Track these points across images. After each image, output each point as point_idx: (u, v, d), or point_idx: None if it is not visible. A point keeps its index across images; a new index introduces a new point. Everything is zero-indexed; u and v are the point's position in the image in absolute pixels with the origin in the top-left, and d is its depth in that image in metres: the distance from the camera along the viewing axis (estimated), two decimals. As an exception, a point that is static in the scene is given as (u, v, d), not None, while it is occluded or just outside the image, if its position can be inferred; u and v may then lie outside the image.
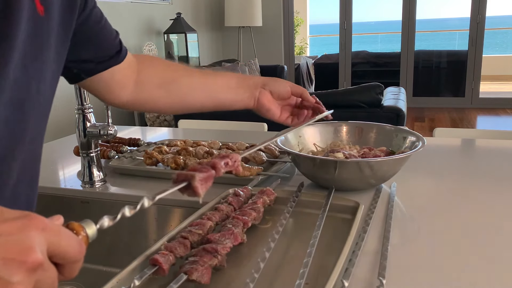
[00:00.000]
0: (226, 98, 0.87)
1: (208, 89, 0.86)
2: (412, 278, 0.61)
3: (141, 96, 0.81)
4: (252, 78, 0.88)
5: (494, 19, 7.25)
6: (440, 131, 1.49)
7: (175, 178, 0.51)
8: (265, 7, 5.70)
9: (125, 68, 0.77)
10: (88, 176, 1.01)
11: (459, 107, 5.93)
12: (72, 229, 0.37)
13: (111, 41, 0.74)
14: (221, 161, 0.54)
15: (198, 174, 0.50)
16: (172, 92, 0.83)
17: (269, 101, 0.87)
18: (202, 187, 0.50)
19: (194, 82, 0.85)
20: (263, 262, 0.59)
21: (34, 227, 0.33)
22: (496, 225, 0.77)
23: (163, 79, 0.83)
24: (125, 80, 0.78)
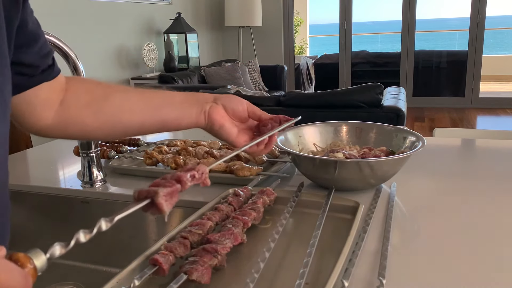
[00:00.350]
0: (169, 114, 0.71)
1: (148, 105, 0.71)
2: (412, 278, 0.61)
3: (65, 116, 0.68)
4: (201, 94, 0.75)
5: (494, 19, 7.25)
6: (440, 131, 1.50)
7: (136, 196, 0.47)
8: (265, 7, 5.70)
9: (54, 86, 0.66)
10: (88, 176, 1.01)
11: (459, 107, 5.93)
12: (17, 261, 0.34)
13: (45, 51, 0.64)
14: (186, 174, 0.50)
15: (161, 190, 0.46)
16: (103, 110, 0.69)
17: (222, 116, 0.72)
18: (167, 203, 0.46)
19: (129, 97, 0.71)
20: (263, 262, 0.59)
21: None
22: (496, 224, 0.77)
23: (92, 96, 0.69)
24: (50, 100, 0.66)
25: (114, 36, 4.20)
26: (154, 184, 0.49)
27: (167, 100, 0.72)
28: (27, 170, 1.25)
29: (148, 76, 4.47)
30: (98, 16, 3.94)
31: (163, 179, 0.50)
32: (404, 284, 0.60)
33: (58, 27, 3.45)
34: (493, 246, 0.70)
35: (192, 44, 4.98)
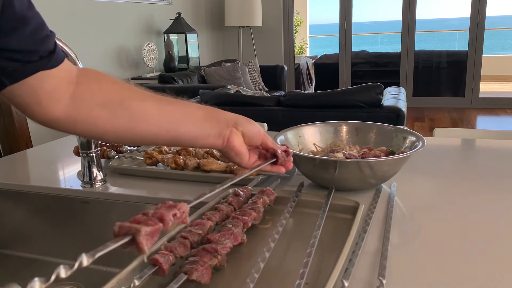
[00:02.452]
0: (188, 132, 0.67)
1: (165, 118, 0.66)
2: (412, 278, 0.61)
3: (77, 113, 0.63)
4: (223, 113, 0.71)
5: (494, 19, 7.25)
6: (440, 131, 1.49)
7: (116, 231, 0.45)
8: (265, 7, 5.70)
9: (59, 76, 0.62)
10: (88, 176, 1.01)
11: (459, 107, 5.94)
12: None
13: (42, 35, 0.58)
14: (169, 213, 0.49)
15: (144, 228, 0.44)
16: (117, 115, 0.64)
17: (240, 144, 0.70)
18: (147, 242, 0.44)
19: (147, 107, 0.66)
20: (263, 262, 0.59)
21: None
22: (496, 224, 0.77)
23: (108, 97, 0.64)
24: (58, 91, 0.61)
25: (114, 36, 4.20)
26: (135, 220, 0.46)
27: (187, 116, 0.68)
28: (27, 170, 1.25)
29: (148, 76, 4.47)
30: (98, 16, 3.94)
31: (144, 214, 0.48)
32: (404, 284, 0.60)
33: (58, 27, 3.44)
34: (493, 246, 0.70)
35: (192, 44, 4.98)
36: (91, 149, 1.00)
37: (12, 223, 1.09)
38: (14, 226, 1.09)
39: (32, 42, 0.58)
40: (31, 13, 0.57)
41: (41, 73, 0.59)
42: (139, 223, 0.46)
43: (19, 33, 0.56)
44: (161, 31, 4.85)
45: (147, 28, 4.67)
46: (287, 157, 0.75)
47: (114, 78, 0.69)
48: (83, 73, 0.65)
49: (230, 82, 4.50)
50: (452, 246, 0.70)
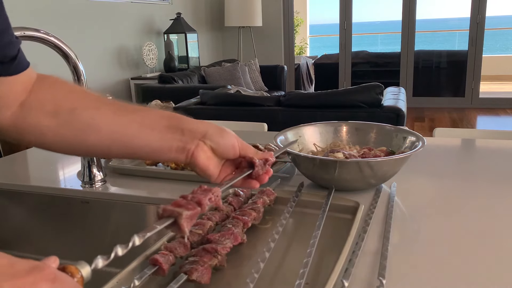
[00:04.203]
0: (145, 145, 0.60)
1: (120, 129, 0.60)
2: (412, 278, 0.61)
3: (22, 122, 0.59)
4: (191, 123, 0.62)
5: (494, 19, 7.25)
6: (440, 131, 1.49)
7: (160, 213, 0.50)
8: (265, 7, 5.70)
9: (15, 84, 0.59)
10: (88, 176, 1.01)
11: (459, 107, 5.94)
12: (69, 273, 0.38)
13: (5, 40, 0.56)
14: (206, 198, 0.53)
15: (185, 212, 0.49)
16: (67, 125, 0.59)
17: (205, 160, 0.61)
18: (187, 224, 0.50)
19: (100, 117, 0.60)
20: (263, 262, 0.59)
21: (45, 279, 0.34)
22: (496, 224, 0.77)
23: (59, 106, 0.59)
24: (9, 98, 0.58)
25: (114, 36, 4.20)
26: (177, 204, 0.51)
27: (146, 127, 0.60)
28: (27, 170, 1.25)
29: (148, 76, 4.48)
30: (98, 16, 3.94)
31: (183, 198, 0.53)
32: (404, 284, 0.60)
33: (58, 27, 3.45)
34: (493, 246, 0.70)
35: (192, 44, 4.98)
36: (91, 149, 1.00)
37: (12, 223, 1.09)
38: (14, 226, 1.09)
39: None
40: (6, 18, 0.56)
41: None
42: (180, 206, 0.50)
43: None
44: (161, 31, 4.85)
45: (147, 28, 4.67)
46: (264, 167, 0.64)
47: (75, 87, 0.64)
48: (40, 80, 0.62)
49: (230, 82, 4.50)
50: (452, 246, 0.70)
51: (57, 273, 0.36)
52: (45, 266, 0.35)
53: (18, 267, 0.34)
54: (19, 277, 0.33)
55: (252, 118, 1.85)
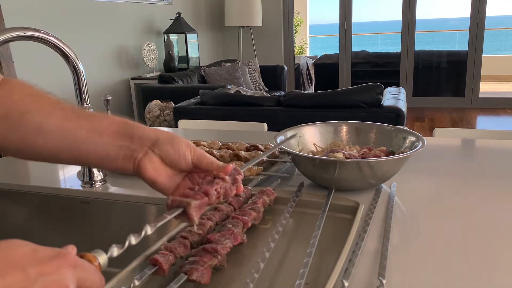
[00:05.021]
0: (92, 153, 0.58)
1: (67, 136, 0.57)
2: (412, 278, 0.61)
3: None
4: (141, 130, 0.58)
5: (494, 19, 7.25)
6: (440, 131, 1.49)
7: (169, 204, 0.52)
8: (265, 7, 5.70)
9: None
10: (88, 176, 1.01)
11: (459, 107, 5.93)
12: (88, 260, 0.41)
13: None
14: (212, 188, 0.55)
15: (193, 202, 0.51)
16: (14, 129, 0.57)
17: (155, 170, 0.57)
18: (196, 213, 0.52)
19: (48, 123, 0.57)
20: (263, 262, 0.59)
21: (67, 265, 0.36)
22: (496, 224, 0.77)
23: (10, 109, 0.57)
24: None
25: (114, 36, 4.20)
26: (185, 194, 0.53)
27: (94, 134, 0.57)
28: (27, 170, 1.25)
29: (148, 76, 4.48)
30: (98, 16, 3.94)
31: (190, 189, 0.55)
32: (404, 284, 0.60)
33: (58, 27, 3.45)
34: (493, 246, 0.70)
35: (192, 44, 4.98)
36: (91, 149, 1.00)
37: (12, 223, 1.09)
38: (14, 226, 1.09)
39: None
40: None
41: None
42: (188, 197, 0.52)
43: None
44: (161, 31, 4.85)
45: (147, 28, 4.67)
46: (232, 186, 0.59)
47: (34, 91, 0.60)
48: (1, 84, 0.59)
49: (230, 82, 4.50)
50: (452, 246, 0.70)
51: (78, 260, 0.38)
52: (67, 253, 0.37)
53: (42, 253, 0.36)
54: (44, 263, 0.35)
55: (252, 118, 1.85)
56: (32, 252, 0.35)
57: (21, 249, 0.35)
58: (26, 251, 0.35)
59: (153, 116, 3.75)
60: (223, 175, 0.57)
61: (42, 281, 0.34)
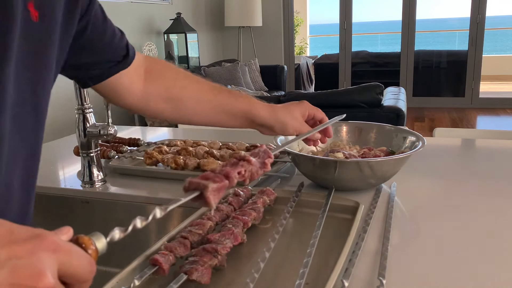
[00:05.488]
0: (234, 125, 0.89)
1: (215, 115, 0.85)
2: (412, 278, 0.61)
3: (147, 106, 0.81)
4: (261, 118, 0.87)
5: (494, 19, 7.25)
6: (440, 131, 1.50)
7: (186, 186, 0.49)
8: (265, 7, 5.70)
9: (131, 73, 0.76)
10: (88, 176, 1.01)
11: (459, 107, 5.93)
12: (81, 244, 0.36)
13: (115, 44, 0.72)
14: (234, 171, 0.52)
15: (211, 185, 0.47)
16: (178, 109, 0.83)
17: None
18: (214, 197, 0.48)
19: (201, 106, 0.84)
20: (263, 262, 0.59)
21: (45, 249, 0.32)
22: (496, 224, 0.77)
23: (170, 94, 0.82)
24: (131, 86, 0.77)
25: (114, 36, 4.19)
26: (204, 177, 0.49)
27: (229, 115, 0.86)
28: (27, 170, 1.24)
29: (148, 76, 4.47)
30: (98, 16, 3.93)
31: (212, 171, 0.52)
32: (404, 284, 0.60)
33: (58, 27, 3.44)
34: (493, 246, 0.70)
35: (192, 44, 4.98)
36: (91, 149, 1.00)
37: (12, 223, 1.09)
38: (14, 226, 1.09)
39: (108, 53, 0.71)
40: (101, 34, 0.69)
41: (117, 74, 0.73)
42: (207, 179, 0.48)
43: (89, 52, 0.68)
44: (161, 31, 4.85)
45: (147, 28, 4.67)
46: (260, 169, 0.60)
47: (174, 72, 0.84)
48: (149, 69, 0.80)
49: (230, 82, 4.50)
50: (452, 246, 0.70)
51: (61, 243, 0.33)
52: (47, 235, 0.33)
53: (17, 234, 0.32)
54: (17, 244, 0.31)
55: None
56: (7, 232, 0.32)
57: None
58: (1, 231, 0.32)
59: (153, 116, 3.74)
60: (249, 157, 0.55)
61: (12, 264, 0.30)
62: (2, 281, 0.29)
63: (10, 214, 0.53)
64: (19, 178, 0.53)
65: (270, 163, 0.59)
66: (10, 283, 0.30)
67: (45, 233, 0.33)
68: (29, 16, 0.48)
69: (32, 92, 0.52)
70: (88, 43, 0.66)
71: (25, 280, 0.30)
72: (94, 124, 0.97)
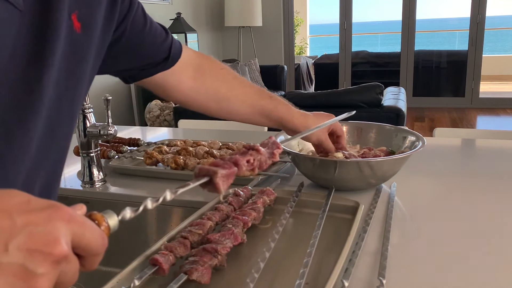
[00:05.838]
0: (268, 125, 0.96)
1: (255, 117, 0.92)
2: (412, 278, 0.61)
3: (194, 101, 0.86)
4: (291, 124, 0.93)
5: (494, 19, 7.25)
6: (440, 131, 1.49)
7: (197, 172, 0.50)
8: (265, 7, 5.69)
9: (178, 72, 0.80)
10: (88, 176, 1.01)
11: (459, 107, 5.93)
12: (95, 220, 0.38)
13: (155, 48, 0.74)
14: (243, 159, 0.53)
15: (220, 171, 0.49)
16: (223, 108, 0.89)
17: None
18: (223, 183, 0.49)
19: (245, 108, 0.90)
20: (263, 262, 0.59)
21: (60, 218, 0.33)
22: (496, 224, 0.77)
23: (218, 95, 0.87)
24: (179, 84, 0.82)
25: (114, 36, 4.20)
26: (213, 164, 0.51)
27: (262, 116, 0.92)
28: (27, 170, 1.24)
29: (148, 76, 4.47)
30: (98, 16, 3.93)
31: (221, 159, 0.53)
32: (404, 284, 0.60)
33: (58, 27, 3.44)
34: (493, 245, 0.70)
35: (192, 44, 4.97)
36: (91, 149, 1.00)
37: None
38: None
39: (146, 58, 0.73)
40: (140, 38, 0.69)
41: (164, 73, 0.77)
42: (217, 166, 0.50)
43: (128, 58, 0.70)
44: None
45: (147, 28, 4.67)
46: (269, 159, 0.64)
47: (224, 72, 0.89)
48: (199, 67, 0.85)
49: (230, 82, 4.49)
50: (452, 246, 0.70)
51: (76, 215, 0.35)
52: (62, 206, 0.35)
53: (34, 204, 0.34)
54: (33, 213, 0.33)
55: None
56: (25, 202, 0.33)
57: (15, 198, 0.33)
58: (19, 200, 0.33)
59: (153, 116, 3.75)
60: (258, 147, 0.57)
61: (28, 231, 0.31)
62: (19, 246, 0.31)
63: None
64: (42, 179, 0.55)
65: (279, 153, 0.61)
66: (26, 248, 0.31)
67: (61, 204, 0.35)
68: (72, 27, 0.50)
69: (70, 99, 0.53)
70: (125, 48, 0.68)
71: (41, 246, 0.31)
72: (94, 124, 0.97)
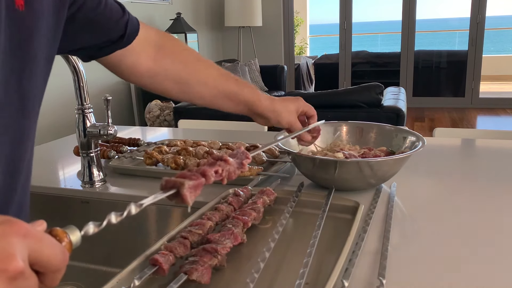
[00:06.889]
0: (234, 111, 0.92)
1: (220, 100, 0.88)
2: (412, 278, 0.61)
3: (153, 83, 0.83)
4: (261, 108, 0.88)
5: (494, 19, 7.25)
6: (440, 131, 1.49)
7: (163, 184, 0.50)
8: (265, 7, 5.69)
9: (136, 50, 0.77)
10: (88, 176, 1.01)
11: (459, 107, 5.93)
12: (55, 236, 0.36)
13: (111, 24, 0.71)
14: (211, 169, 0.53)
15: (187, 182, 0.49)
16: (184, 91, 0.85)
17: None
18: (191, 195, 0.49)
19: (208, 91, 0.87)
20: (263, 262, 0.59)
21: (15, 234, 0.32)
22: (496, 224, 0.77)
23: (178, 78, 0.84)
24: (136, 65, 0.78)
25: (114, 36, 4.19)
26: (180, 175, 0.51)
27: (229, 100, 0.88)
28: (27, 170, 1.24)
29: (148, 76, 4.46)
30: (98, 16, 3.93)
31: (189, 171, 0.52)
32: (404, 284, 0.60)
33: (58, 27, 3.44)
34: (493, 246, 0.70)
35: (192, 44, 4.97)
36: (91, 149, 1.00)
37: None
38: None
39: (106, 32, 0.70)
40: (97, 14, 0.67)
41: (118, 53, 0.74)
42: (184, 177, 0.50)
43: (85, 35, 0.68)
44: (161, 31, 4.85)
45: (147, 28, 4.67)
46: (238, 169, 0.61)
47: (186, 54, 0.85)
48: (160, 48, 0.81)
49: (230, 82, 4.48)
50: (452, 246, 0.70)
51: (32, 230, 0.33)
52: (18, 221, 0.33)
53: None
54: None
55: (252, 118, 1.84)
56: None
57: None
58: None
59: (153, 116, 3.75)
60: (226, 157, 0.56)
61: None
62: None
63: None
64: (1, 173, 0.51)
65: (248, 163, 0.60)
66: None
67: (17, 220, 0.33)
68: (14, 5, 0.48)
69: (17, 82, 0.50)
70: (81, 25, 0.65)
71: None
72: (94, 124, 0.97)
